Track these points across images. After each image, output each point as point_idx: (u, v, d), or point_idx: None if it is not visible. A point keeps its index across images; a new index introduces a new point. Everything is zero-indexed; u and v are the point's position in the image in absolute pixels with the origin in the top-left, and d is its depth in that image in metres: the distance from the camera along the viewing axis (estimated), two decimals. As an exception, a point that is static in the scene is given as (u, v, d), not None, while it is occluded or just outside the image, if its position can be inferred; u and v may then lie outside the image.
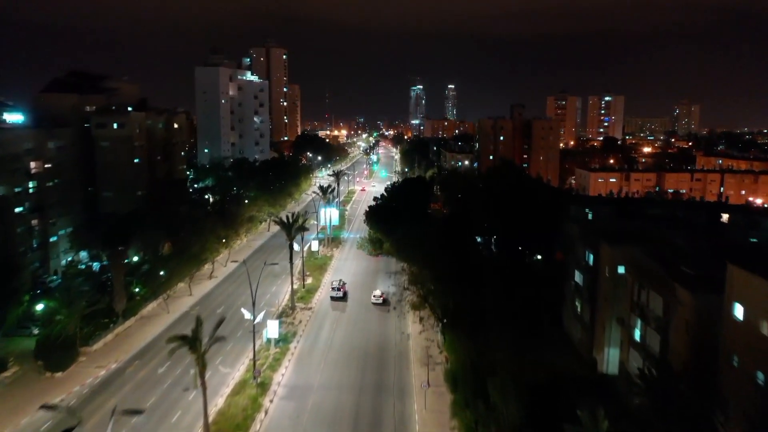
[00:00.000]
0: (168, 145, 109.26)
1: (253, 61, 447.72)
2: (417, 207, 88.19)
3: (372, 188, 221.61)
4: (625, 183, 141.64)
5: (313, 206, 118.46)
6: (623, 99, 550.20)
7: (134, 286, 75.38)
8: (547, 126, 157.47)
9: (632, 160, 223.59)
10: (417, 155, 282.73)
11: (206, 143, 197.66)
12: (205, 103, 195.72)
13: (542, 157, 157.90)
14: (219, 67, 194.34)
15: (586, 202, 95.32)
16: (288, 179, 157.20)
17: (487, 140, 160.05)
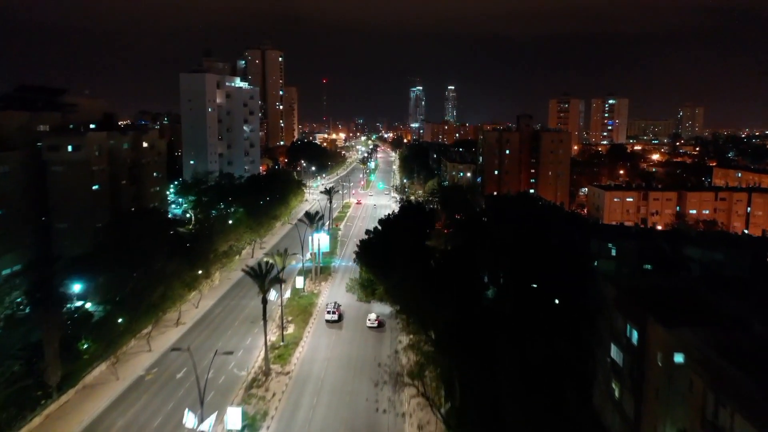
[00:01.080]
0: (136, 167, 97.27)
1: (248, 63, 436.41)
2: (415, 242, 76.14)
3: (369, 200, 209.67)
4: (643, 202, 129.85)
5: (306, 221, 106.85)
6: (627, 102, 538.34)
7: (81, 344, 63.54)
8: (556, 138, 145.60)
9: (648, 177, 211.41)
10: (416, 164, 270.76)
11: (192, 154, 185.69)
12: (191, 111, 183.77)
13: (551, 172, 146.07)
14: (205, 74, 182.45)
15: (610, 236, 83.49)
16: (276, 197, 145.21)
17: (492, 154, 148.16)
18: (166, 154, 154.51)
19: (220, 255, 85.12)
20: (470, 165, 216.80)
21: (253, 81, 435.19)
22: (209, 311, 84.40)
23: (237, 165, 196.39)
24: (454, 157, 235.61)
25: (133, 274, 70.90)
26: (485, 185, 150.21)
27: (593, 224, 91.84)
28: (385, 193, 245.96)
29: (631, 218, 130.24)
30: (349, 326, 78.52)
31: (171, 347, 68.13)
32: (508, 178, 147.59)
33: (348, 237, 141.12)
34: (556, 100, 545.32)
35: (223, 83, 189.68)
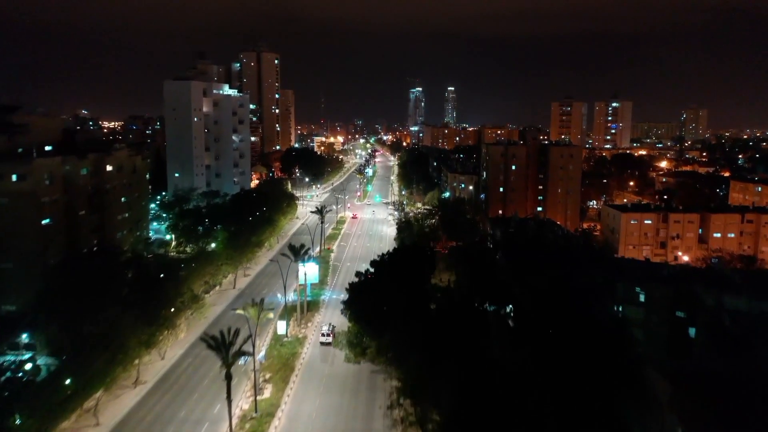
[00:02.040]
0: (99, 194, 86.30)
1: (244, 66, 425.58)
2: (413, 289, 65.23)
3: (366, 213, 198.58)
4: (663, 225, 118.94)
5: (290, 255, 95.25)
6: (631, 105, 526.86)
7: (13, 420, 52.78)
8: (566, 153, 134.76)
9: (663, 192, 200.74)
10: (415, 173, 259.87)
11: (177, 167, 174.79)
12: (175, 121, 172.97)
13: (560, 189, 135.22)
14: (191, 82, 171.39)
15: (638, 277, 72.63)
16: (265, 216, 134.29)
17: (497, 169, 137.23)
18: (147, 169, 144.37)
19: (189, 300, 73.93)
20: (472, 176, 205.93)
21: (249, 84, 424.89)
22: (176, 364, 73.34)
23: (225, 177, 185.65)
24: (455, 166, 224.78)
25: (81, 330, 60.03)
26: (489, 203, 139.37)
27: (617, 261, 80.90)
28: (385, 202, 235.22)
29: (649, 241, 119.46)
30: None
31: (123, 419, 57.33)
32: (514, 196, 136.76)
33: (341, 261, 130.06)
34: (559, 103, 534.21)
35: (211, 91, 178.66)
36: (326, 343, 78.78)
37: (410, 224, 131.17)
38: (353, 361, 63.66)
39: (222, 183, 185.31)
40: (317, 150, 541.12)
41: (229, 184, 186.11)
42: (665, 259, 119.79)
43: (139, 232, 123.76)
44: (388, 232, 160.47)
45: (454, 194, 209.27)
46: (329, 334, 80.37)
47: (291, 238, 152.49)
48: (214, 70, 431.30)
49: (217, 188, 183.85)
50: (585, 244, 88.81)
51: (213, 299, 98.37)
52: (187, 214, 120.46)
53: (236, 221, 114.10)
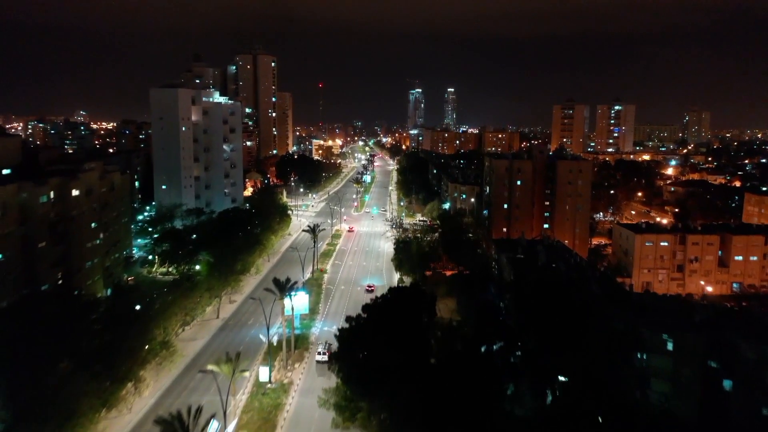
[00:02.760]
0: (62, 223, 77.91)
1: (239, 69, 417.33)
2: (411, 339, 56.88)
3: (363, 225, 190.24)
4: (680, 247, 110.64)
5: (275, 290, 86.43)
6: (634, 108, 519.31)
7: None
8: (575, 168, 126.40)
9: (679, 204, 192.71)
10: (415, 181, 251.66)
11: (164, 178, 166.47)
12: (162, 131, 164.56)
13: (569, 206, 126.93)
14: (178, 89, 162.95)
15: (664, 322, 64.31)
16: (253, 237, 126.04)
17: (501, 185, 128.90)
18: (128, 185, 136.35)
19: (158, 348, 65.45)
20: (473, 187, 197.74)
21: (245, 87, 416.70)
22: (140, 424, 64.44)
23: (216, 188, 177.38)
24: (456, 176, 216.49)
25: (23, 393, 51.67)
26: (493, 220, 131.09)
27: (638, 299, 72.52)
28: (383, 210, 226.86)
29: (665, 265, 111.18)
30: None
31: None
32: (519, 213, 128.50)
33: (335, 284, 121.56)
34: (560, 106, 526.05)
35: (200, 98, 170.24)
36: (323, 361, 78.39)
37: (408, 244, 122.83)
38: (342, 426, 55.39)
39: (212, 195, 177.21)
40: (315, 153, 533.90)
41: (219, 195, 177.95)
42: (683, 283, 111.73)
43: (118, 254, 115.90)
44: (385, 248, 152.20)
45: (454, 205, 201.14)
46: (325, 352, 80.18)
47: (283, 256, 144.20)
48: (210, 72, 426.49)
49: (207, 200, 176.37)
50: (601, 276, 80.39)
51: (192, 333, 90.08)
52: (167, 236, 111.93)
53: (221, 243, 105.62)
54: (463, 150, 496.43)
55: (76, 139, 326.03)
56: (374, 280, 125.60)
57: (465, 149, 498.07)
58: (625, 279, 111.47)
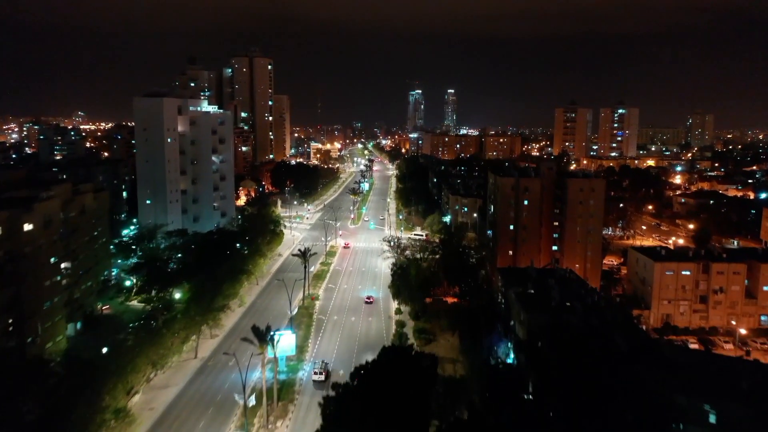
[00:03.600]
0: (12, 262, 68.50)
1: (235, 71, 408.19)
2: (407, 417, 47.61)
3: (359, 240, 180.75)
4: (703, 276, 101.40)
5: (253, 340, 76.67)
6: (638, 112, 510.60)
7: None
8: (587, 186, 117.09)
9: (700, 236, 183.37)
10: (414, 193, 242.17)
11: (148, 193, 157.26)
12: (146, 143, 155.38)
13: (579, 227, 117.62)
14: (163, 99, 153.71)
15: (704, 390, 55.01)
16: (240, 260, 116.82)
17: (506, 204, 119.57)
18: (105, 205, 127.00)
19: (110, 419, 55.91)
20: (475, 200, 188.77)
21: (240, 90, 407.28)
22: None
23: (204, 202, 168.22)
24: (457, 187, 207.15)
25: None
26: (498, 241, 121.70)
27: (669, 353, 63.19)
28: (381, 219, 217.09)
29: (687, 296, 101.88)
30: None
31: None
32: (527, 235, 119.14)
33: (327, 313, 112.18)
34: (563, 109, 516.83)
35: (186, 108, 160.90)
36: (319, 381, 79.49)
37: (406, 270, 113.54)
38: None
39: (200, 209, 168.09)
40: (313, 157, 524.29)
41: (208, 210, 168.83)
42: (706, 315, 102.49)
43: (91, 281, 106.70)
44: (382, 267, 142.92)
45: (455, 218, 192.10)
46: (321, 372, 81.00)
47: (273, 278, 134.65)
48: (205, 75, 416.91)
49: (195, 214, 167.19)
50: (625, 321, 71.08)
51: (165, 378, 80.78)
52: (142, 266, 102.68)
53: (202, 273, 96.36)
54: (464, 154, 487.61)
55: (66, 145, 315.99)
56: (371, 306, 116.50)
57: (466, 153, 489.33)
58: (643, 311, 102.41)
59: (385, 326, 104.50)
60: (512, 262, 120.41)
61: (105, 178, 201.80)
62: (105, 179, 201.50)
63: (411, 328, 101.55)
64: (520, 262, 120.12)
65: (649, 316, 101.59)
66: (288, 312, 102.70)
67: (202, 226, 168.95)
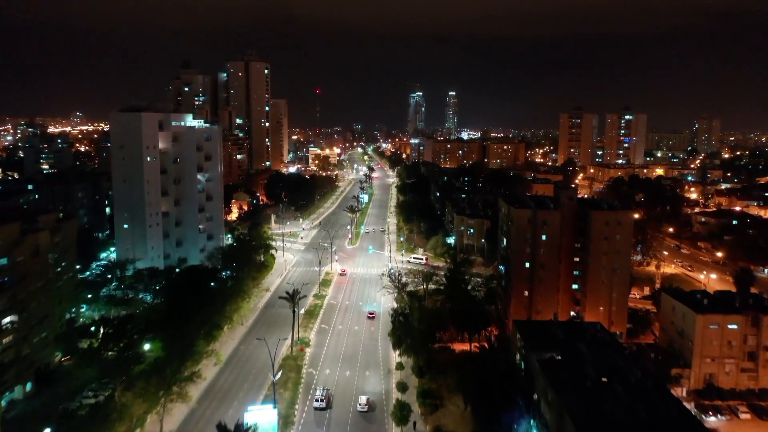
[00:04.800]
0: None
1: (231, 76, 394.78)
2: None
3: (357, 264, 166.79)
4: (752, 329, 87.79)
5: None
6: (645, 118, 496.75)
7: None
8: (613, 220, 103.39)
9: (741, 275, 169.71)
10: (416, 208, 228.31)
11: (125, 216, 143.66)
12: (123, 162, 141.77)
13: (604, 265, 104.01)
14: (142, 114, 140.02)
15: None
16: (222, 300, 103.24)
17: (522, 239, 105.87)
18: (71, 237, 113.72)
19: None
20: (482, 221, 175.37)
21: (236, 96, 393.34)
22: None
23: (188, 225, 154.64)
24: (463, 206, 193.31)
25: None
26: (512, 281, 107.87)
27: None
28: (381, 230, 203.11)
29: (734, 352, 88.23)
30: None
31: None
32: (545, 274, 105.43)
33: (319, 366, 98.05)
34: (568, 114, 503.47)
35: (168, 123, 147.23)
36: (321, 408, 79.89)
37: (408, 317, 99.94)
38: None
39: (184, 232, 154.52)
40: (311, 163, 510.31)
41: (192, 233, 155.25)
42: (755, 375, 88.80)
43: (46, 332, 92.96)
44: (383, 302, 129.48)
45: (461, 240, 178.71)
46: (323, 399, 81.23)
47: (260, 317, 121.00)
48: (199, 80, 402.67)
49: (178, 238, 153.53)
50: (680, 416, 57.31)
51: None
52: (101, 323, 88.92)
53: (172, 327, 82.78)
54: (467, 161, 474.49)
55: (53, 153, 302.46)
56: (368, 355, 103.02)
57: (468, 160, 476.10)
58: (683, 369, 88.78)
59: (384, 386, 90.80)
60: (528, 303, 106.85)
61: (86, 195, 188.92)
62: (86, 195, 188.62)
63: (414, 387, 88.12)
64: (537, 304, 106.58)
65: (690, 376, 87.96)
66: (272, 375, 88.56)
67: (186, 250, 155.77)
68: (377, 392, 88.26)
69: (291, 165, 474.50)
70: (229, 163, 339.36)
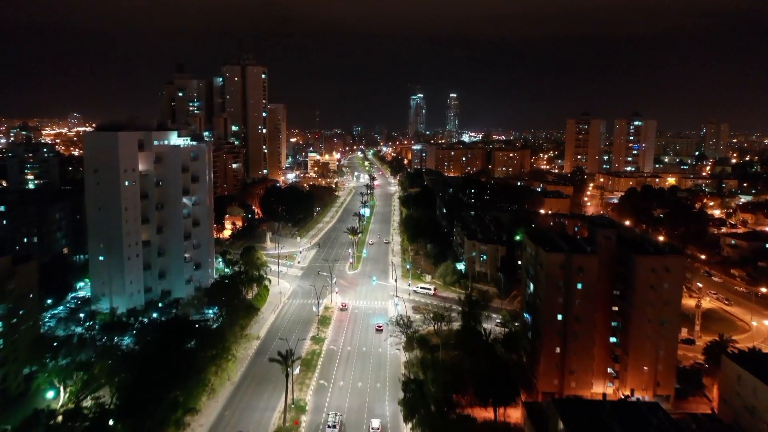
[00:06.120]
0: None
1: (226, 81, 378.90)
2: None
3: (360, 295, 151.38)
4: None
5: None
6: (655, 124, 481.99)
7: None
8: (660, 266, 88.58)
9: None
10: (421, 225, 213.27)
11: (100, 248, 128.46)
12: (98, 187, 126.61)
13: (650, 318, 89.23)
14: (119, 133, 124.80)
15: None
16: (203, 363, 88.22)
17: (554, 288, 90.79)
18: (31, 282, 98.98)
19: None
20: (496, 247, 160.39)
21: (232, 101, 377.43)
22: None
23: (172, 255, 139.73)
24: (474, 228, 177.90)
25: None
26: (541, 335, 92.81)
27: None
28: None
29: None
30: None
31: None
32: (580, 329, 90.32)
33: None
34: (575, 120, 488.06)
35: (150, 142, 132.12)
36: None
37: (421, 384, 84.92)
38: None
39: (168, 263, 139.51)
40: (310, 169, 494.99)
41: (177, 263, 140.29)
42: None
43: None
44: (388, 351, 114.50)
45: (472, 267, 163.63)
46: (335, 425, 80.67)
47: (249, 371, 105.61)
48: (194, 85, 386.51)
49: (161, 269, 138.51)
50: None
51: None
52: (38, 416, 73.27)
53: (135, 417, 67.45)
54: (471, 168, 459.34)
55: (38, 163, 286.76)
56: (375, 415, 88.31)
57: (472, 167, 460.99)
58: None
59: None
60: (561, 362, 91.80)
61: (64, 215, 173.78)
62: (64, 216, 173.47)
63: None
64: (570, 362, 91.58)
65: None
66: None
67: (170, 282, 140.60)
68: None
69: (289, 171, 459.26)
70: (224, 173, 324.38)
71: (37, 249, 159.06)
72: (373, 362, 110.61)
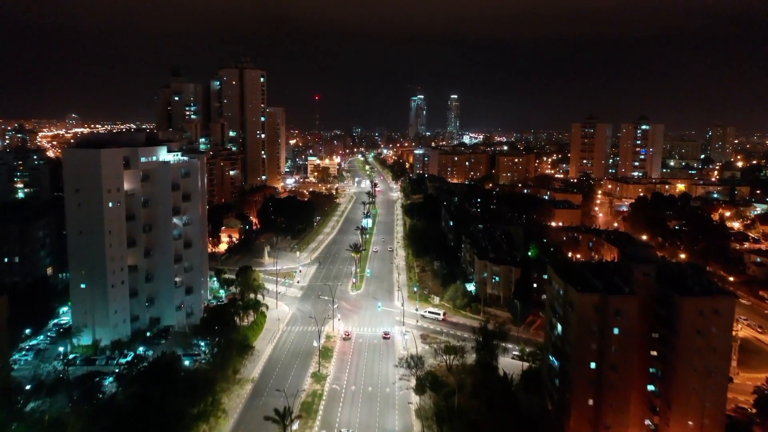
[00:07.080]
0: None
1: (224, 84, 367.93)
2: None
3: (364, 322, 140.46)
4: None
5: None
6: (663, 128, 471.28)
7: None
8: (709, 309, 78.33)
9: None
10: (426, 238, 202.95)
11: (82, 275, 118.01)
12: (79, 208, 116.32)
13: (697, 366, 79.01)
14: (101, 150, 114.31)
15: None
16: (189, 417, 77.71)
17: (587, 332, 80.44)
18: None
19: None
20: (509, 268, 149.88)
21: (230, 105, 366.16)
22: None
23: (161, 280, 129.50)
24: (485, 246, 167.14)
25: None
26: (572, 383, 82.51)
27: None
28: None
29: None
30: None
31: None
32: (616, 378, 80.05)
33: None
34: (581, 124, 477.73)
35: (136, 159, 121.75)
36: None
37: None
38: None
39: (156, 288, 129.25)
40: (310, 174, 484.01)
41: (167, 289, 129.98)
42: None
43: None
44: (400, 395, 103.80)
45: (483, 289, 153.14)
46: None
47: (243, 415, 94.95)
48: (191, 89, 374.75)
49: (150, 295, 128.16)
50: None
51: None
52: None
53: None
54: (474, 173, 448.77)
55: (28, 170, 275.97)
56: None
57: (476, 172, 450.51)
58: None
59: None
60: (594, 416, 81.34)
61: (49, 231, 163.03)
62: (49, 233, 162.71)
63: None
64: (605, 416, 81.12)
65: None
66: None
67: (159, 309, 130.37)
68: None
69: (289, 176, 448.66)
70: (221, 181, 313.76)
71: (19, 269, 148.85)
72: (380, 405, 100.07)
